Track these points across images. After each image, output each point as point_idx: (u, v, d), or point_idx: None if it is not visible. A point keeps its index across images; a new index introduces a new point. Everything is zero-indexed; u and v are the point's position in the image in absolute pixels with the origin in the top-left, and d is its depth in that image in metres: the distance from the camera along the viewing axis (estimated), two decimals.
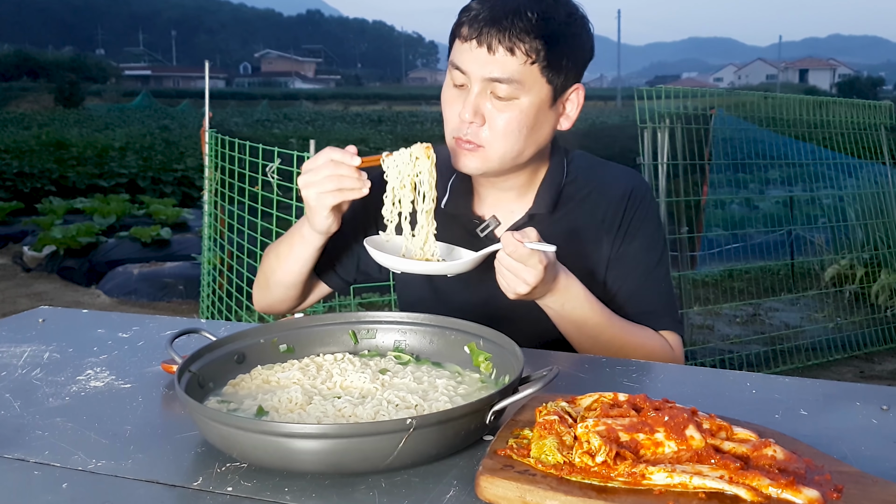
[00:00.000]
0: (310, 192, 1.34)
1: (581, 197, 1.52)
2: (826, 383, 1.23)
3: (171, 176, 12.17)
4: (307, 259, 1.48)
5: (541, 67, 1.35)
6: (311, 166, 1.34)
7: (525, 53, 1.33)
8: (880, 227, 5.75)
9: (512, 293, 1.32)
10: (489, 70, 1.34)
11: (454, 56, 1.40)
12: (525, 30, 1.32)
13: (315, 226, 1.39)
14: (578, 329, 1.42)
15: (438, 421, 0.90)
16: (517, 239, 1.25)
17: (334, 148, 1.35)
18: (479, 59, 1.35)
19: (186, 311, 5.84)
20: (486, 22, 1.33)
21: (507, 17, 1.32)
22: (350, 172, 1.32)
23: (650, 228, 1.53)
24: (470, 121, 1.37)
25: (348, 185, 1.32)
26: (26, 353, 1.36)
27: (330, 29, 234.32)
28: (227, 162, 4.20)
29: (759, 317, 5.73)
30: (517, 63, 1.33)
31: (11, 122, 25.02)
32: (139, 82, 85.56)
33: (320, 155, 1.34)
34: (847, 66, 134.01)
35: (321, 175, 1.32)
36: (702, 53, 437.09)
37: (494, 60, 1.34)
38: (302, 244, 1.46)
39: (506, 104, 1.36)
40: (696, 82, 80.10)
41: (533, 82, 1.36)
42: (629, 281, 1.52)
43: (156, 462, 0.95)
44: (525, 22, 1.32)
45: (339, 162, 1.32)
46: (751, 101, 5.58)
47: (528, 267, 1.27)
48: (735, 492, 0.79)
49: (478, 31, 1.34)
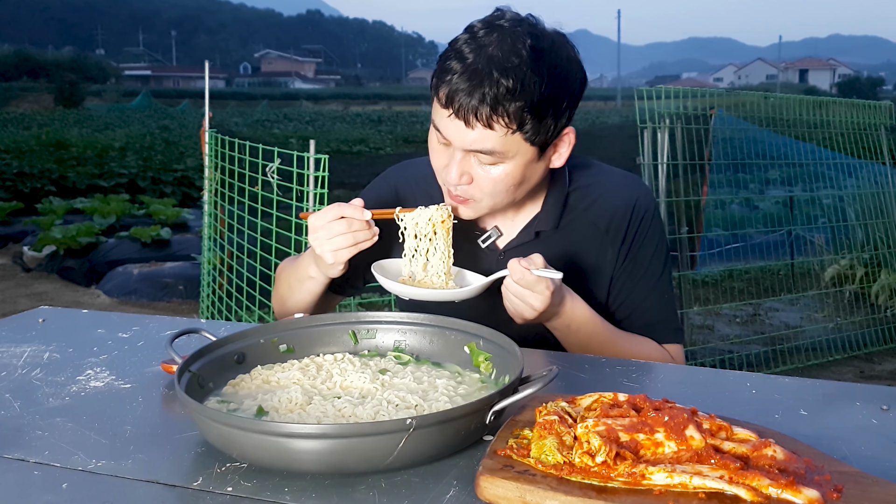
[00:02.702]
0: (324, 250, 1.36)
1: (584, 206, 1.51)
2: (826, 383, 1.22)
3: (171, 176, 12.17)
4: (318, 291, 1.52)
5: (523, 136, 1.31)
6: (321, 223, 1.36)
7: (505, 126, 1.28)
8: (880, 227, 5.75)
9: (519, 318, 1.35)
10: (469, 142, 1.31)
11: (435, 116, 1.35)
12: (502, 102, 1.26)
13: (328, 274, 1.43)
14: (583, 347, 1.43)
15: (438, 421, 0.90)
16: (524, 266, 1.27)
17: (342, 204, 1.36)
18: (458, 130, 1.31)
19: (186, 311, 5.84)
20: (462, 94, 1.27)
21: (483, 89, 1.25)
22: (362, 227, 1.36)
23: (655, 241, 1.52)
24: (456, 183, 1.36)
25: (362, 237, 1.36)
26: (26, 353, 1.36)
27: (330, 29, 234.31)
28: (227, 162, 4.20)
29: (759, 317, 5.73)
30: (497, 136, 1.29)
31: (11, 122, 25.04)
32: (139, 82, 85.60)
33: (328, 211, 1.36)
34: (847, 66, 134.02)
35: (334, 232, 1.35)
36: (702, 53, 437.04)
37: (473, 134, 1.29)
38: (311, 282, 1.50)
39: (491, 167, 1.34)
40: (696, 82, 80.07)
41: (517, 148, 1.32)
42: (634, 294, 1.52)
43: (156, 462, 0.95)
44: (502, 94, 1.25)
45: (350, 219, 1.34)
46: (751, 102, 5.57)
47: (535, 293, 1.29)
48: (735, 492, 0.79)
49: (455, 103, 1.28)
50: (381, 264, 1.45)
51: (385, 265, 1.46)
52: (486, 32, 1.29)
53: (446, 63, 1.30)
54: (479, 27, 1.31)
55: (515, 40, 1.27)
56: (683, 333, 1.59)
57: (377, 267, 1.43)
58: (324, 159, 3.26)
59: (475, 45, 1.28)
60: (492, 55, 1.26)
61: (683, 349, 1.57)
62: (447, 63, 1.30)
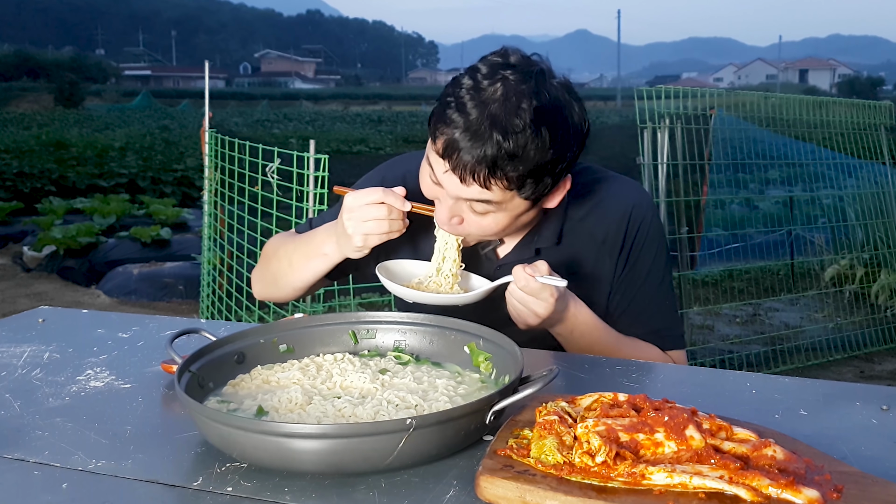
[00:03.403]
0: (356, 231, 1.34)
1: (581, 216, 1.49)
2: (826, 383, 1.23)
3: (171, 176, 12.17)
4: (323, 271, 1.50)
5: (520, 195, 1.28)
6: (358, 204, 1.34)
7: (502, 188, 1.25)
8: (880, 227, 5.75)
9: (523, 324, 1.36)
10: (464, 193, 1.28)
11: (430, 157, 1.31)
12: (502, 166, 1.22)
13: (348, 254, 1.41)
14: (586, 352, 1.43)
15: (438, 421, 0.90)
16: (528, 273, 1.27)
17: (386, 190, 1.34)
18: (452, 182, 1.27)
19: (186, 311, 5.84)
20: (462, 152, 1.22)
21: (484, 150, 1.20)
22: (399, 216, 1.35)
23: (654, 248, 1.51)
24: (446, 225, 1.35)
25: (396, 227, 1.35)
26: (26, 353, 1.36)
27: (330, 29, 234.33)
28: (227, 162, 4.20)
29: (759, 317, 5.73)
30: (493, 194, 1.26)
31: (11, 122, 25.05)
32: (139, 82, 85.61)
33: (370, 193, 1.34)
34: (847, 66, 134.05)
35: (370, 216, 1.33)
36: (702, 53, 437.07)
37: (468, 189, 1.26)
38: (321, 259, 1.47)
39: (483, 215, 1.32)
40: (696, 82, 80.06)
41: (512, 204, 1.30)
42: (635, 302, 1.51)
43: (156, 462, 0.95)
44: (502, 157, 1.21)
45: (391, 207, 1.33)
46: (751, 101, 5.57)
47: (540, 300, 1.30)
48: (735, 492, 0.79)
49: (454, 160, 1.23)
50: (386, 266, 1.45)
51: (389, 267, 1.45)
52: (489, 83, 1.23)
53: (447, 111, 1.24)
54: (483, 73, 1.24)
55: (520, 99, 1.21)
56: (684, 336, 1.58)
57: (382, 269, 1.42)
58: (324, 159, 3.26)
59: (477, 98, 1.22)
60: (494, 114, 1.20)
61: (686, 354, 1.57)
62: (448, 112, 1.24)
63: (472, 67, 1.28)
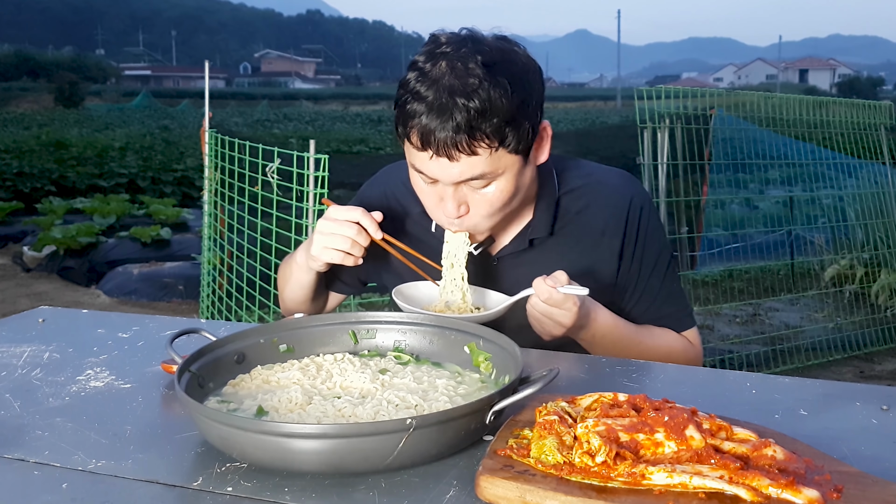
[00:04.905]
0: (319, 240, 1.38)
1: (577, 209, 1.50)
2: (826, 383, 1.22)
3: (171, 176, 12.16)
4: (309, 283, 1.54)
5: (506, 149, 1.29)
6: (337, 217, 1.38)
7: (488, 146, 1.26)
8: (880, 227, 5.75)
9: (548, 336, 1.37)
10: (457, 175, 1.28)
11: (412, 160, 1.32)
12: (477, 125, 1.23)
13: (310, 265, 1.47)
14: (609, 352, 1.44)
15: (438, 421, 0.90)
16: (550, 285, 1.28)
17: (366, 213, 1.38)
18: (442, 167, 1.28)
19: (186, 311, 5.84)
20: (437, 131, 1.24)
21: (455, 120, 1.22)
22: (364, 243, 1.38)
23: (657, 235, 1.54)
24: (456, 215, 1.35)
25: (355, 253, 1.38)
26: (26, 353, 1.36)
27: (330, 29, 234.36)
28: (227, 162, 4.20)
29: (759, 317, 5.73)
30: (483, 159, 1.27)
31: (11, 122, 25.03)
32: (139, 82, 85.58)
33: (351, 211, 1.38)
34: (847, 66, 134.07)
35: (339, 231, 1.37)
36: (702, 53, 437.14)
37: (459, 166, 1.27)
38: (300, 270, 1.52)
39: (485, 189, 1.33)
40: (696, 82, 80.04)
41: (504, 163, 1.30)
42: (647, 290, 1.53)
43: (156, 462, 0.95)
44: (474, 117, 1.23)
45: (361, 231, 1.37)
46: (751, 101, 5.57)
47: (563, 310, 1.30)
48: (735, 492, 0.79)
49: (433, 144, 1.25)
50: (401, 290, 1.45)
51: (404, 290, 1.46)
52: (432, 65, 1.26)
53: (407, 107, 1.27)
54: (422, 61, 1.28)
55: (466, 62, 1.24)
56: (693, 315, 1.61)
57: (398, 293, 1.43)
58: (324, 159, 3.26)
59: (428, 80, 1.25)
60: (449, 85, 1.23)
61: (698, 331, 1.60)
62: (408, 107, 1.26)
63: (412, 62, 1.31)
